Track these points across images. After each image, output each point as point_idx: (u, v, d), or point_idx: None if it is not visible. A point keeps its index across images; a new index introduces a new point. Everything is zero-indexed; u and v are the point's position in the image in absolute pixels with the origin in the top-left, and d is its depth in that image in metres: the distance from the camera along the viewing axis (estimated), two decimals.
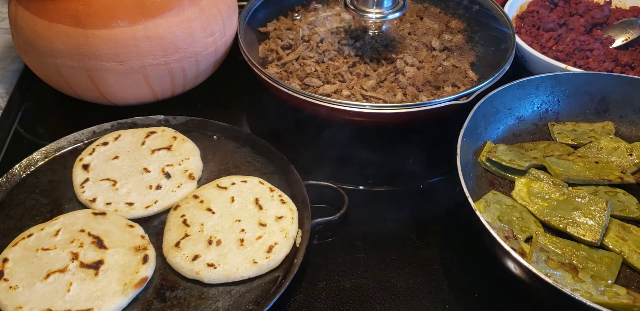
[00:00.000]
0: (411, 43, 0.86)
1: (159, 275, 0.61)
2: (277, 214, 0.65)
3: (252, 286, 0.60)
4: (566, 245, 0.61)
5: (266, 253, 0.61)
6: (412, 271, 0.65)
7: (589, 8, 0.95)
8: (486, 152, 0.71)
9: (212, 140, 0.77)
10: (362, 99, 0.77)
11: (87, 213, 0.65)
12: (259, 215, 0.65)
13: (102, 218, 0.65)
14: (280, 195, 0.68)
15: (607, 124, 0.77)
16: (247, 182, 0.69)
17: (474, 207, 0.57)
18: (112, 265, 0.60)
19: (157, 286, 0.60)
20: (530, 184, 0.67)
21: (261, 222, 0.64)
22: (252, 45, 0.85)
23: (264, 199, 0.67)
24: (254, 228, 0.64)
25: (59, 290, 0.57)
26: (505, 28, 0.84)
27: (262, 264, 0.60)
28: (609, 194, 0.67)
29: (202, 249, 0.61)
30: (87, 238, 0.62)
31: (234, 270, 0.59)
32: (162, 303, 0.58)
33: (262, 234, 0.63)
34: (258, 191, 0.68)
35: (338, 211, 0.66)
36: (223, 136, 0.77)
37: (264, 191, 0.68)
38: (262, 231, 0.63)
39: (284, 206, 0.66)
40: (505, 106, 0.75)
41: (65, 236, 0.62)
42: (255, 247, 0.62)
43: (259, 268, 0.60)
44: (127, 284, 0.58)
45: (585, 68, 0.84)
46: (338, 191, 0.69)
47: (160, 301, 0.58)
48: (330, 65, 0.82)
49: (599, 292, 0.55)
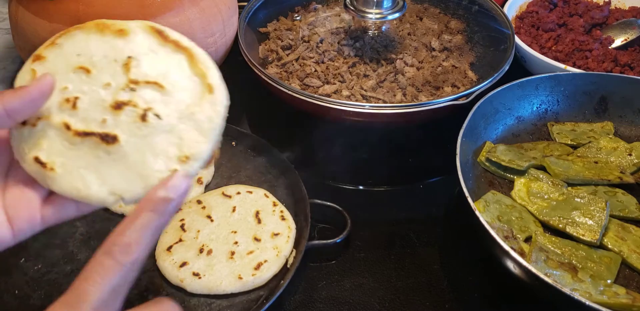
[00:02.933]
0: (411, 43, 0.86)
1: (147, 276, 0.60)
2: (274, 230, 0.64)
3: (233, 302, 0.58)
4: (565, 245, 0.61)
5: (253, 270, 0.59)
6: (411, 271, 0.65)
7: (589, 8, 0.95)
8: (485, 152, 0.71)
9: (230, 146, 0.76)
10: (361, 99, 0.78)
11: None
12: (256, 229, 0.64)
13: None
14: (282, 211, 0.66)
15: (606, 124, 0.77)
16: (253, 193, 0.68)
17: (473, 207, 0.57)
18: None
19: (142, 288, 0.59)
20: (529, 184, 0.67)
21: (256, 237, 0.63)
22: (252, 46, 0.85)
23: (265, 213, 0.66)
24: (247, 241, 0.62)
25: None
26: (504, 28, 0.84)
27: (247, 281, 0.59)
28: (608, 194, 0.67)
29: (192, 257, 0.61)
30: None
31: (217, 283, 0.58)
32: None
33: (255, 249, 0.62)
34: (261, 204, 0.67)
35: (340, 233, 0.64)
36: (241, 142, 0.76)
37: (267, 204, 0.67)
38: (255, 246, 0.62)
39: (283, 223, 0.65)
40: (504, 106, 0.75)
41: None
42: (244, 262, 0.60)
43: (242, 284, 0.58)
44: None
45: (585, 68, 0.84)
46: (342, 213, 0.67)
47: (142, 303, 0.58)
48: (330, 65, 0.82)
49: (598, 292, 0.55)
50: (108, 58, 0.39)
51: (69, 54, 0.40)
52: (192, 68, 0.39)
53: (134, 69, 0.39)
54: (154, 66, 0.39)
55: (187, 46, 0.40)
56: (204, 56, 0.40)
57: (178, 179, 0.36)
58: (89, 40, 0.40)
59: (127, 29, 0.40)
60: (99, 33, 0.40)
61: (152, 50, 0.40)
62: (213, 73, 0.40)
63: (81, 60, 0.39)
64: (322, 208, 0.67)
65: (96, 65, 0.39)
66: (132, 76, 0.39)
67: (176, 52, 0.40)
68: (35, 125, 0.38)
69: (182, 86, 0.39)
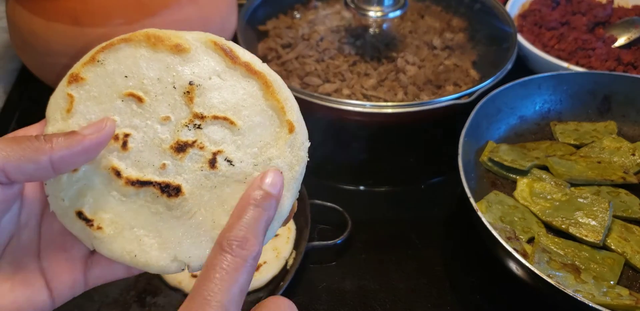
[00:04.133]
0: (412, 42, 0.85)
1: (145, 278, 0.60)
2: None
3: None
4: (568, 246, 0.60)
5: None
6: (413, 273, 0.64)
7: (591, 7, 0.94)
8: (488, 152, 0.70)
9: None
10: (362, 98, 0.77)
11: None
12: None
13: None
14: None
15: (609, 123, 0.76)
16: None
17: (475, 207, 0.56)
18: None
19: (140, 289, 0.59)
20: (532, 184, 0.67)
21: None
22: (251, 44, 0.85)
23: None
24: None
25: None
26: (507, 27, 0.84)
27: None
28: (612, 195, 0.66)
29: None
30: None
31: None
32: (140, 307, 0.57)
33: None
34: None
35: (340, 234, 0.64)
36: None
37: None
38: None
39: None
40: (507, 106, 0.74)
41: None
42: None
43: None
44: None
45: (588, 67, 0.83)
46: (342, 214, 0.66)
47: (139, 305, 0.58)
48: (331, 64, 0.81)
49: (602, 293, 0.54)
50: (164, 82, 0.32)
51: (114, 74, 0.32)
52: (267, 99, 0.33)
53: (197, 99, 0.32)
54: (223, 95, 0.32)
55: (261, 71, 0.33)
56: (281, 83, 0.33)
57: (272, 176, 0.31)
58: (139, 58, 0.32)
59: (187, 45, 0.32)
60: (151, 48, 0.32)
61: (218, 74, 0.32)
62: (292, 106, 0.33)
63: (130, 84, 0.32)
64: (323, 208, 0.67)
65: (149, 92, 0.32)
66: (196, 108, 0.32)
67: (247, 78, 0.33)
68: (77, 170, 0.32)
69: (256, 122, 0.32)
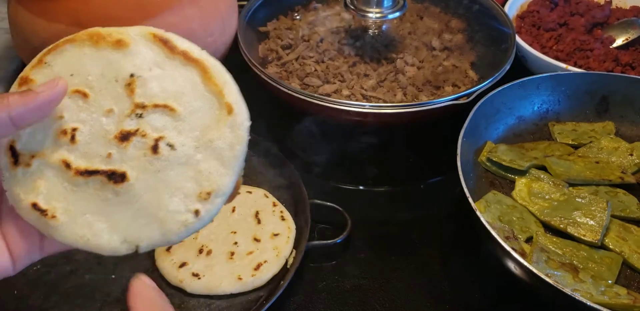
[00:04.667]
0: (411, 43, 0.86)
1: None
2: (274, 231, 0.63)
3: (233, 303, 0.58)
4: (566, 245, 0.61)
5: (253, 271, 0.59)
6: (412, 272, 0.65)
7: (590, 8, 0.94)
8: (486, 152, 0.71)
9: None
10: (362, 98, 0.77)
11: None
12: (256, 229, 0.64)
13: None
14: (282, 211, 0.66)
15: (607, 124, 0.76)
16: (252, 193, 0.68)
17: (474, 207, 0.57)
18: None
19: None
20: (530, 184, 0.67)
21: (256, 237, 0.63)
22: (252, 45, 0.85)
23: (265, 213, 0.65)
24: (247, 242, 0.62)
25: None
26: (505, 28, 0.84)
27: (247, 281, 0.58)
28: (610, 195, 0.67)
29: (191, 257, 0.60)
30: None
31: (216, 284, 0.58)
32: None
33: (254, 250, 0.61)
34: (261, 204, 0.66)
35: (340, 234, 0.64)
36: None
37: (267, 204, 0.66)
38: (255, 246, 0.62)
39: (283, 224, 0.64)
40: (505, 106, 0.75)
41: None
42: (243, 263, 0.60)
43: (242, 285, 0.58)
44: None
45: (586, 68, 0.84)
46: (342, 213, 0.67)
47: None
48: (330, 65, 0.82)
49: (600, 292, 0.55)
50: (107, 77, 0.34)
51: (61, 74, 0.34)
52: (205, 84, 0.34)
53: (138, 89, 0.33)
54: (162, 84, 0.34)
55: (199, 58, 0.34)
56: (219, 68, 0.35)
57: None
58: (83, 56, 0.34)
59: (126, 40, 0.34)
60: (94, 46, 0.34)
61: (157, 64, 0.34)
62: (230, 89, 0.35)
63: (76, 81, 0.34)
64: (322, 208, 0.67)
65: (94, 87, 0.34)
66: (137, 98, 0.33)
67: (186, 65, 0.34)
68: (30, 165, 0.33)
69: (196, 107, 0.34)
